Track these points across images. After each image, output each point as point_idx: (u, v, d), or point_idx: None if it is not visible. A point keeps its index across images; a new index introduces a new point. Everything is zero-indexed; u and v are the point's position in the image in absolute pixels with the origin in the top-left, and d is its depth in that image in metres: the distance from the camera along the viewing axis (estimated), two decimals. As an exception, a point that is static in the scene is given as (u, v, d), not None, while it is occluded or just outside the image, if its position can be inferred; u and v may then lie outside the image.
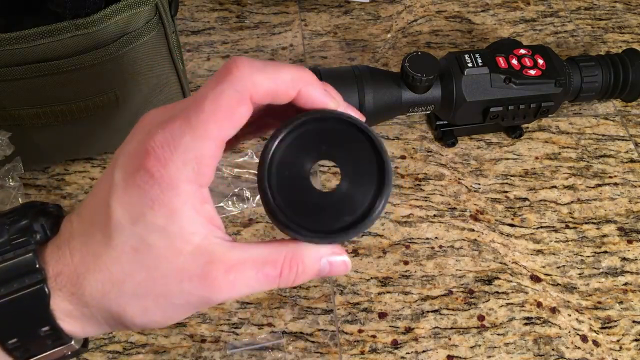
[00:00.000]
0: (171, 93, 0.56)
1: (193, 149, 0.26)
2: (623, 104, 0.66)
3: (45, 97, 0.49)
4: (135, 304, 0.27)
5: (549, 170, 0.61)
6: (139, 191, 0.26)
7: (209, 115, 0.26)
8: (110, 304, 0.27)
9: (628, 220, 0.58)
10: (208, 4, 0.73)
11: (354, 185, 0.27)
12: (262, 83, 0.26)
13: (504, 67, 0.57)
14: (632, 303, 0.53)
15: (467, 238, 0.56)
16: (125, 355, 0.49)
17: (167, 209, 0.25)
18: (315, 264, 0.28)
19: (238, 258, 0.27)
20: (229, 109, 0.26)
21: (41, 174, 0.58)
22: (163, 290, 0.26)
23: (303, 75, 0.28)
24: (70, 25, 0.46)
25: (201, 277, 0.26)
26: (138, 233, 0.26)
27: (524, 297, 0.53)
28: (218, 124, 0.26)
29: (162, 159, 0.25)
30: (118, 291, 0.26)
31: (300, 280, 0.28)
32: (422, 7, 0.74)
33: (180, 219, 0.26)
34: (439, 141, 0.62)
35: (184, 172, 0.25)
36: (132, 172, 0.26)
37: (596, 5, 0.75)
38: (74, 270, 0.27)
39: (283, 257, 0.27)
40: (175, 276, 0.26)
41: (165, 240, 0.26)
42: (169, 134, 0.26)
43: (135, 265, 0.26)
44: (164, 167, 0.25)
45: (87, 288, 0.27)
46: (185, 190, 0.26)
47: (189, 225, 0.26)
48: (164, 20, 0.50)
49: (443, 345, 0.50)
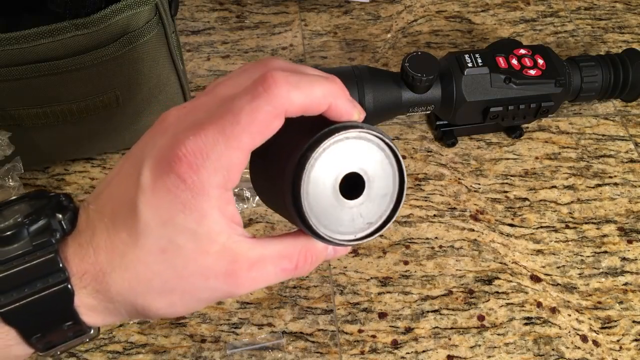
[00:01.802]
0: (171, 93, 0.56)
1: (225, 158, 0.26)
2: (623, 104, 0.66)
3: (45, 97, 0.49)
4: (162, 300, 0.28)
5: (549, 170, 0.61)
6: (170, 196, 0.26)
7: (244, 127, 0.26)
8: (137, 299, 0.28)
9: (628, 220, 0.58)
10: (208, 4, 0.73)
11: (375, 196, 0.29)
12: (297, 100, 0.27)
13: (504, 67, 0.57)
14: (632, 303, 0.53)
15: (467, 238, 0.56)
16: (125, 355, 0.49)
17: (198, 213, 0.26)
18: (324, 252, 0.31)
19: (259, 255, 0.28)
20: (264, 124, 0.27)
21: (41, 174, 0.58)
22: (190, 287, 0.28)
23: (333, 89, 0.28)
24: (70, 25, 0.46)
25: (226, 275, 0.27)
26: (167, 235, 0.27)
27: (524, 297, 0.53)
28: (251, 137, 0.26)
29: (194, 166, 0.26)
30: (145, 288, 0.28)
31: (312, 268, 0.31)
32: (422, 7, 0.74)
33: (208, 222, 0.27)
34: (439, 141, 0.62)
35: (214, 179, 0.26)
36: (162, 175, 0.26)
37: (596, 5, 0.75)
38: (99, 269, 0.27)
39: (298, 251, 0.30)
40: (202, 274, 0.27)
41: (194, 242, 0.27)
42: (201, 142, 0.26)
43: (163, 265, 0.27)
44: (196, 174, 0.26)
45: (113, 286, 0.27)
46: (214, 196, 0.27)
47: (216, 226, 0.27)
48: (164, 20, 0.50)
49: (443, 345, 0.50)
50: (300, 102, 0.27)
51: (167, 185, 0.26)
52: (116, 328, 0.50)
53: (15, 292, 0.27)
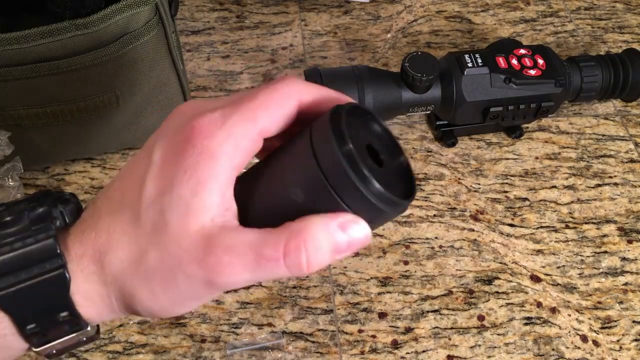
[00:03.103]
0: (171, 93, 0.56)
1: (239, 128, 0.26)
2: (623, 104, 0.66)
3: (45, 97, 0.49)
4: (145, 287, 0.27)
5: (549, 170, 0.61)
6: (176, 163, 0.26)
7: (261, 103, 0.27)
8: (125, 284, 0.27)
9: (628, 220, 0.58)
10: (208, 4, 0.73)
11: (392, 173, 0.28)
12: (310, 89, 0.28)
13: (504, 67, 0.57)
14: (632, 303, 0.53)
15: (467, 238, 0.56)
16: (125, 355, 0.49)
17: (197, 180, 0.26)
18: (330, 237, 0.26)
19: (234, 240, 0.26)
20: (280, 102, 0.27)
21: (41, 174, 0.58)
22: (168, 275, 0.26)
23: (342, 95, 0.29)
24: (70, 25, 0.46)
25: (200, 261, 0.26)
26: (160, 207, 0.26)
27: (524, 297, 0.53)
28: (267, 112, 0.27)
29: (206, 133, 0.26)
30: (133, 271, 0.27)
31: (317, 260, 0.26)
32: (422, 7, 0.74)
33: (203, 193, 0.26)
34: (439, 141, 0.62)
35: (225, 146, 0.26)
36: (174, 146, 0.26)
37: (596, 5, 0.75)
38: (97, 249, 0.27)
39: (285, 236, 0.25)
40: (180, 259, 0.26)
41: (182, 216, 0.26)
42: (219, 114, 0.26)
43: (151, 244, 0.26)
44: (207, 139, 0.26)
45: (108, 267, 0.27)
46: (220, 164, 0.26)
47: (208, 201, 0.26)
48: (164, 20, 0.50)
49: (443, 345, 0.50)
50: (313, 93, 0.28)
51: (176, 152, 0.26)
52: (116, 328, 0.50)
53: (12, 277, 0.26)
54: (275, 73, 0.67)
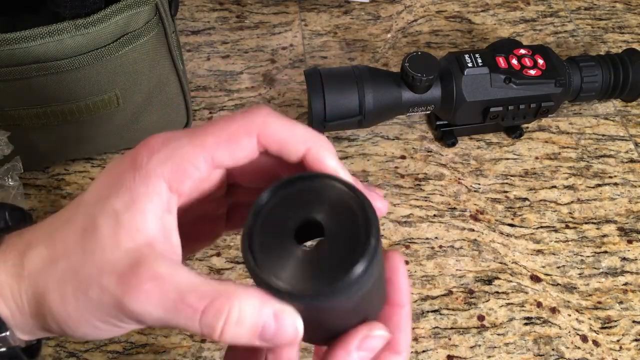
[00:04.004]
0: (171, 93, 0.56)
1: (183, 150, 0.26)
2: (623, 104, 0.66)
3: (45, 97, 0.49)
4: (57, 289, 0.25)
5: (549, 170, 0.61)
6: (117, 175, 0.26)
7: (212, 132, 0.26)
8: (38, 281, 0.26)
9: (628, 220, 0.58)
10: (208, 4, 0.73)
11: (336, 246, 0.25)
12: (273, 125, 0.26)
13: (504, 67, 0.57)
14: (632, 303, 0.53)
15: (467, 238, 0.56)
16: (125, 355, 0.49)
17: (130, 196, 0.25)
18: (256, 316, 0.24)
19: (165, 273, 0.24)
20: (234, 135, 0.26)
21: (41, 174, 0.58)
22: (84, 279, 0.25)
23: (318, 136, 0.27)
24: (70, 25, 0.46)
25: (121, 276, 0.24)
26: (93, 213, 0.25)
27: (524, 297, 0.53)
28: (218, 140, 0.26)
29: (150, 152, 0.26)
30: (49, 270, 0.26)
31: (231, 331, 0.23)
32: (422, 7, 0.74)
33: (135, 211, 0.25)
34: (439, 141, 0.62)
35: (162, 167, 0.25)
36: (123, 161, 0.26)
37: (596, 5, 0.75)
38: (26, 243, 0.27)
39: (216, 293, 0.24)
40: (101, 267, 0.25)
41: (113, 227, 0.25)
42: (169, 136, 0.26)
43: (76, 246, 0.25)
44: (148, 156, 0.25)
45: (28, 262, 0.26)
46: (154, 185, 0.25)
47: (141, 222, 0.25)
48: (164, 20, 0.50)
49: (443, 345, 0.50)
50: (275, 130, 0.26)
51: (122, 167, 0.26)
52: (116, 328, 0.50)
53: None
54: (275, 73, 0.67)
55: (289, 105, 0.64)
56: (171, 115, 0.58)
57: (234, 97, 0.65)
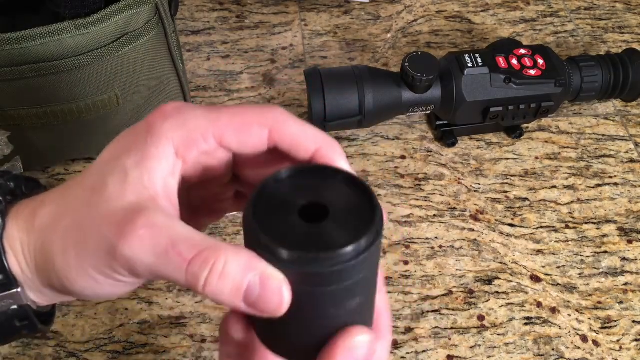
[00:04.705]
0: (171, 93, 0.56)
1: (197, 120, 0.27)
2: (623, 104, 0.66)
3: (45, 97, 0.49)
4: (60, 241, 0.26)
5: (549, 170, 0.61)
6: (132, 137, 0.27)
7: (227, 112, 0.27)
8: (45, 235, 0.27)
9: (628, 220, 0.58)
10: (208, 4, 0.73)
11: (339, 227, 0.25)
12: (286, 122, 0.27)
13: (504, 67, 0.57)
14: (632, 303, 0.53)
15: (467, 238, 0.56)
16: (125, 355, 0.49)
17: (141, 155, 0.26)
18: (240, 273, 0.23)
19: (161, 222, 0.25)
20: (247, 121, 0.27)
21: (41, 174, 0.58)
22: (86, 231, 0.26)
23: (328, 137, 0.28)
24: (70, 25, 0.46)
25: (119, 223, 0.25)
26: (104, 172, 0.26)
27: (524, 297, 0.53)
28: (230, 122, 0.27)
29: (164, 116, 0.27)
30: (56, 223, 0.27)
31: (214, 285, 0.23)
32: (422, 7, 0.74)
33: (144, 169, 0.26)
34: (439, 141, 0.62)
35: (173, 132, 0.26)
36: (140, 124, 0.27)
37: (596, 5, 0.75)
38: (40, 202, 0.28)
39: (206, 246, 0.24)
40: (102, 217, 0.25)
41: (120, 183, 0.26)
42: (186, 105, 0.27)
43: (83, 201, 0.26)
44: (161, 121, 0.26)
45: (38, 217, 0.27)
46: (164, 147, 0.26)
47: (147, 180, 0.26)
48: (164, 20, 0.50)
49: (443, 345, 0.50)
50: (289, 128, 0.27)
51: (134, 128, 0.27)
52: (116, 328, 0.50)
53: None
54: (275, 73, 0.67)
55: (289, 105, 0.64)
56: (171, 115, 0.58)
57: (234, 97, 0.65)
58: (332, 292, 0.25)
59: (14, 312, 0.28)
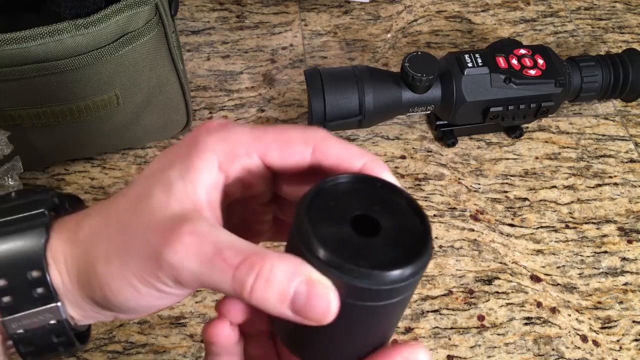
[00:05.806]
0: (171, 93, 0.56)
1: (241, 135, 0.27)
2: (623, 104, 0.66)
3: (45, 97, 0.49)
4: (103, 249, 0.26)
5: (549, 170, 0.61)
6: (177, 150, 0.27)
7: (272, 131, 0.27)
8: (88, 245, 0.27)
9: (628, 220, 0.58)
10: (208, 4, 0.73)
11: (391, 245, 0.25)
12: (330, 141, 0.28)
13: (504, 67, 0.57)
14: (632, 303, 0.53)
15: (467, 238, 0.56)
16: (125, 355, 0.49)
17: (185, 166, 0.26)
18: (287, 279, 0.23)
19: (206, 230, 0.25)
20: (291, 140, 0.27)
21: (41, 174, 0.58)
22: (129, 239, 0.26)
23: (372, 154, 0.28)
24: (70, 25, 0.46)
25: (164, 231, 0.25)
26: (149, 183, 0.26)
27: (524, 297, 0.53)
28: (274, 140, 0.27)
29: (209, 131, 0.27)
30: (100, 233, 0.27)
31: (260, 290, 0.23)
32: (422, 7, 0.74)
33: (187, 180, 0.26)
34: (439, 141, 0.62)
35: (217, 145, 0.27)
36: (186, 138, 0.28)
37: (596, 5, 0.75)
38: (85, 214, 0.28)
39: (252, 252, 0.24)
40: (147, 226, 0.25)
41: (165, 193, 0.26)
42: (232, 122, 0.28)
43: (128, 211, 0.26)
44: (206, 135, 0.27)
45: (82, 229, 0.27)
46: (207, 159, 0.26)
47: (191, 191, 0.26)
48: (164, 20, 0.50)
49: (443, 345, 0.50)
50: (334, 146, 0.27)
51: (179, 143, 0.28)
52: (116, 328, 0.50)
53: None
54: (275, 73, 0.67)
55: (289, 105, 0.64)
56: (171, 115, 0.58)
57: (234, 97, 0.65)
58: (377, 307, 0.25)
59: (52, 327, 0.28)
